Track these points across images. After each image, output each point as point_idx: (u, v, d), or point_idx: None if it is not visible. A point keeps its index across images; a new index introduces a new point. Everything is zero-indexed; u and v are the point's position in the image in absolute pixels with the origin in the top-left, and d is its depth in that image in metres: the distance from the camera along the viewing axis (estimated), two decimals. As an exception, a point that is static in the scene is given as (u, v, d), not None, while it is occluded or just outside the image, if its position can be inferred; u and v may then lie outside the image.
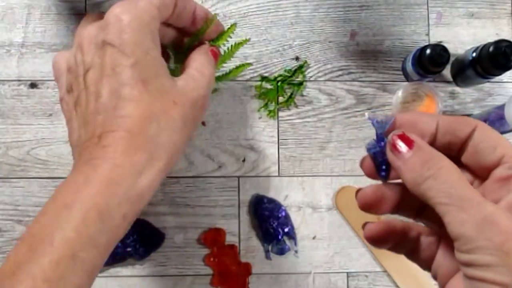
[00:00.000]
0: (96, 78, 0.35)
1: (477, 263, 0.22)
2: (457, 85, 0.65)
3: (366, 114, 0.27)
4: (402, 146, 0.25)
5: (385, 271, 0.62)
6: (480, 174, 0.25)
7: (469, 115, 0.64)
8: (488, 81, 0.64)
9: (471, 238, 0.22)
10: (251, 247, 0.62)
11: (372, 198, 0.28)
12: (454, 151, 0.26)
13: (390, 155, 0.25)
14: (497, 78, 0.63)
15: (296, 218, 0.62)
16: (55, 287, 0.29)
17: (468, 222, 0.22)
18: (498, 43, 0.57)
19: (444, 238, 0.27)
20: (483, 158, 0.25)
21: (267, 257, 0.61)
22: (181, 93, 0.37)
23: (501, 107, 0.56)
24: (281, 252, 0.61)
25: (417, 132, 0.26)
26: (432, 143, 0.26)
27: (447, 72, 0.65)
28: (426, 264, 0.28)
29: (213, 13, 0.46)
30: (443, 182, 0.23)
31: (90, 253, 0.31)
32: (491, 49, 0.57)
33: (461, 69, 0.63)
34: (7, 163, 0.61)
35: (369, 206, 0.28)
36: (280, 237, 0.61)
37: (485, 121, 0.60)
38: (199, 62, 0.40)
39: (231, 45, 0.60)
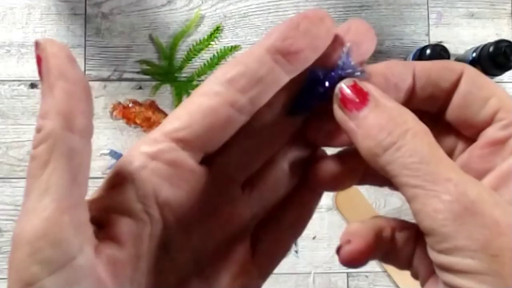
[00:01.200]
0: None
1: (456, 268, 0.16)
2: (457, 85, 0.65)
3: (348, 44, 0.19)
4: (354, 100, 0.18)
5: (385, 271, 0.62)
6: (467, 134, 0.19)
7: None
8: (488, 81, 0.64)
9: (447, 235, 0.16)
10: (251, 247, 0.62)
11: (333, 171, 0.20)
12: (438, 107, 0.20)
13: (338, 114, 0.18)
14: (497, 78, 0.63)
15: (296, 218, 0.62)
16: None
17: (443, 212, 0.16)
18: (498, 43, 0.57)
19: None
20: (472, 114, 0.19)
21: (267, 257, 0.62)
22: None
23: (501, 107, 0.57)
24: (281, 252, 0.61)
25: (390, 89, 0.19)
26: (411, 100, 0.19)
27: (447, 72, 0.65)
28: (407, 265, 0.21)
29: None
30: (409, 154, 0.17)
31: None
32: (491, 49, 0.57)
33: (461, 69, 0.63)
34: (7, 163, 0.61)
35: (329, 181, 0.20)
36: (280, 237, 0.61)
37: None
38: None
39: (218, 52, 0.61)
